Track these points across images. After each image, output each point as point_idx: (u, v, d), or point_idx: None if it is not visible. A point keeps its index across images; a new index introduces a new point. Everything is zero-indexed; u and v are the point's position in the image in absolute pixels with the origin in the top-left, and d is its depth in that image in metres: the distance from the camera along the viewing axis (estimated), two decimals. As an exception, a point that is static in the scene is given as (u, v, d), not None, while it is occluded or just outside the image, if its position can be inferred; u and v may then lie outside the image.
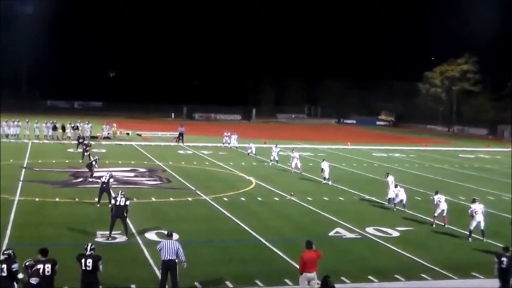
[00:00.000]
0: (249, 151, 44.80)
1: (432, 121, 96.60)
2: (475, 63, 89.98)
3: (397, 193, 25.73)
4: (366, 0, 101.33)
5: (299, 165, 36.66)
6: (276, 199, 27.68)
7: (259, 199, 27.49)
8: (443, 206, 22.88)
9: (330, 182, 32.00)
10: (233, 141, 50.16)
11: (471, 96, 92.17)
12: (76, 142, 43.70)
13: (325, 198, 28.23)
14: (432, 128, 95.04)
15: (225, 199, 27.03)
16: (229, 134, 51.42)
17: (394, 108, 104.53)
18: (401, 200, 25.54)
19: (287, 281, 15.88)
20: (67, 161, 37.23)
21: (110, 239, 18.95)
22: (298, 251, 15.65)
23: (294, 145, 53.72)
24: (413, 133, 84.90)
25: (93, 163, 30.83)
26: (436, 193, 23.60)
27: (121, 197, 19.28)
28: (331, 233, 21.39)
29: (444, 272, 17.19)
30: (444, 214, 22.94)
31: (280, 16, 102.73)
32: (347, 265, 17.75)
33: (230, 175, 34.83)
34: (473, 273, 17.18)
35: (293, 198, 27.50)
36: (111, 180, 24.38)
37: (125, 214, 19.18)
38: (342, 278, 16.32)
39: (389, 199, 26.52)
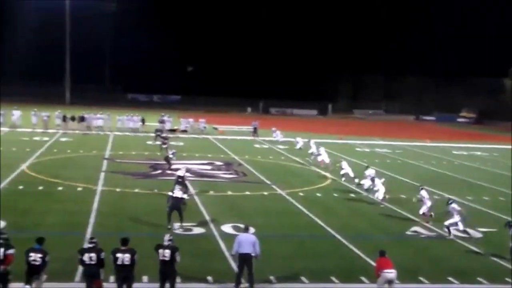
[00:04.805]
0: (297, 146, 44.21)
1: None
2: None
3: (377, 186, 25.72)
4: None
5: (326, 160, 35.30)
6: (352, 195, 27.32)
7: (335, 195, 27.23)
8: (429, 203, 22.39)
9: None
10: (279, 136, 49.78)
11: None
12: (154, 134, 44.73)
13: (402, 196, 27.61)
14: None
15: (301, 194, 26.93)
16: (274, 129, 51.23)
17: (476, 105, 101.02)
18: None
19: (363, 278, 15.65)
20: (146, 153, 38.12)
21: (169, 228, 19.00)
22: (375, 248, 15.42)
23: (371, 141, 53.07)
24: (497, 131, 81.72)
25: (171, 155, 31.46)
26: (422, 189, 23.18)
27: (178, 190, 19.75)
28: (409, 232, 20.94)
29: (530, 277, 16.45)
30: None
31: (359, 10, 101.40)
32: (425, 264, 17.32)
33: (306, 170, 34.65)
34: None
35: (369, 195, 27.02)
36: (187, 174, 24.84)
37: (181, 207, 19.49)
38: (420, 278, 15.93)
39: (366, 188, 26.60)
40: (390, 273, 13.67)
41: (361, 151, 46.15)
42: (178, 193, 19.64)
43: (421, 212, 22.53)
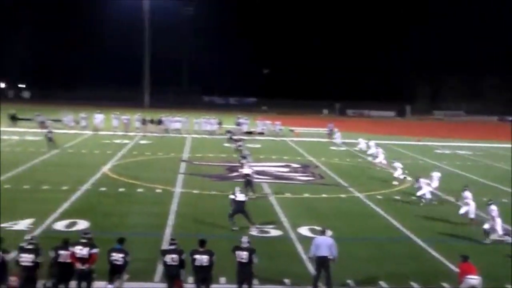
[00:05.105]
0: (359, 147, 43.37)
1: None
2: None
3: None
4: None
5: (383, 162, 34.96)
6: (432, 198, 26.53)
7: (414, 198, 26.52)
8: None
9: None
10: (338, 137, 49.14)
11: None
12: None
13: (484, 198, 26.54)
14: None
15: (379, 196, 26.50)
16: (336, 130, 50.65)
17: None
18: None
19: (444, 284, 15.19)
20: (223, 155, 38.51)
21: (233, 230, 19.18)
22: (455, 253, 14.94)
23: (451, 143, 51.69)
24: None
25: (246, 157, 31.64)
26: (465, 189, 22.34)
27: (240, 193, 19.83)
28: (492, 237, 20.11)
29: None
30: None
31: (438, 9, 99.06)
32: (510, 271, 16.60)
33: (384, 173, 33.99)
34: None
35: (450, 199, 26.20)
36: (252, 172, 25.30)
37: (244, 210, 19.56)
38: (507, 286, 15.31)
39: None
40: (474, 279, 13.21)
41: (440, 152, 44.96)
42: (240, 196, 19.70)
43: (461, 212, 22.00)
